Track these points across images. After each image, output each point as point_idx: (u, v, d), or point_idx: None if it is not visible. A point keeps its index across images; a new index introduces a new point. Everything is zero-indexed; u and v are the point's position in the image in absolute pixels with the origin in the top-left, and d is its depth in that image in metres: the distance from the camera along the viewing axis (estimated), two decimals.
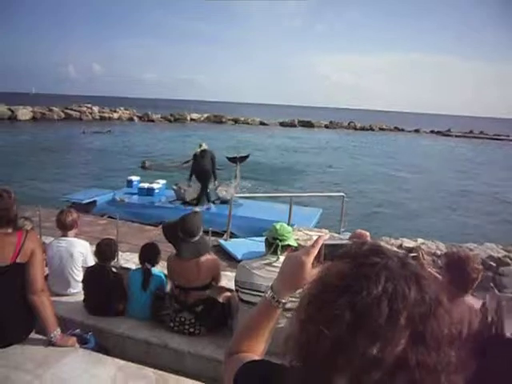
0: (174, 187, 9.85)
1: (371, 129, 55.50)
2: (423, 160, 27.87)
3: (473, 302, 2.56)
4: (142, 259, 3.53)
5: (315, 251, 0.90)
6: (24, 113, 42.15)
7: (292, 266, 0.93)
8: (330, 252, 0.87)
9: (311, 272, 0.88)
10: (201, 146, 9.39)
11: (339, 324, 0.60)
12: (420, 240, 6.39)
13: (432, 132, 58.20)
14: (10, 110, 41.89)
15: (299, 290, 0.87)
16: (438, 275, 2.59)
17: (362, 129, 55.33)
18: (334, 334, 0.60)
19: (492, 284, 4.87)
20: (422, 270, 0.67)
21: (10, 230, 2.54)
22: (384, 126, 58.08)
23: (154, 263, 3.51)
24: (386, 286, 0.61)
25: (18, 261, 2.42)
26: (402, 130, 57.52)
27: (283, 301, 0.95)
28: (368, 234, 0.90)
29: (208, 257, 3.25)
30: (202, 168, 9.26)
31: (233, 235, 7.27)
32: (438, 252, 5.64)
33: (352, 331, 0.59)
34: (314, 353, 0.63)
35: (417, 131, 57.48)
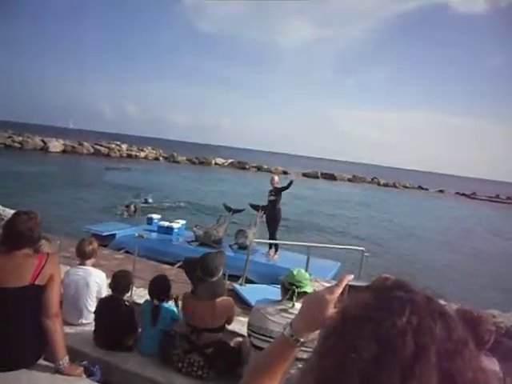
0: (194, 229, 9.88)
1: (394, 186, 55.16)
2: (449, 223, 27.38)
3: (488, 363, 2.43)
4: (150, 293, 3.50)
5: (339, 290, 0.88)
6: (55, 145, 43.79)
7: (314, 304, 0.91)
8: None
9: (333, 312, 0.85)
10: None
11: (363, 356, 0.57)
12: (441, 302, 6.17)
13: (457, 193, 57.45)
14: (42, 141, 43.70)
15: (318, 331, 0.84)
16: None
17: (386, 185, 55.05)
18: (359, 368, 0.57)
19: None
20: (449, 310, 0.64)
21: (31, 252, 2.59)
22: (408, 184, 57.68)
23: (164, 298, 3.47)
24: (411, 318, 0.59)
25: (36, 283, 2.45)
26: (426, 189, 57.00)
27: (302, 339, 0.92)
28: (393, 278, 0.88)
29: (223, 298, 3.21)
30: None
31: (248, 280, 7.18)
32: None
33: (378, 364, 0.57)
34: None
35: (441, 191, 56.85)
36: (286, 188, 9.42)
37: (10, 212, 9.47)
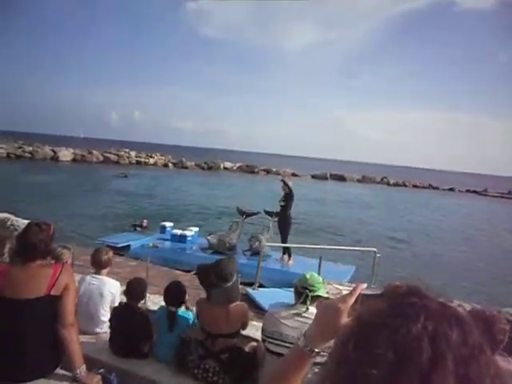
0: (209, 237, 9.88)
1: (404, 185, 54.84)
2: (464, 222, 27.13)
3: (503, 364, 2.40)
4: (166, 301, 3.52)
5: (352, 299, 0.88)
6: (65, 154, 44.27)
7: (327, 314, 0.92)
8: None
9: (347, 321, 0.85)
10: None
11: (381, 363, 0.57)
12: (456, 302, 6.11)
13: (468, 191, 56.87)
14: (52, 151, 44.22)
15: (333, 340, 0.84)
16: None
17: (396, 185, 54.74)
18: (376, 376, 0.57)
19: None
20: (464, 315, 0.63)
21: (48, 261, 2.62)
22: (418, 183, 57.27)
23: (179, 304, 3.50)
24: (426, 324, 0.59)
25: (52, 293, 2.47)
26: (437, 187, 56.53)
27: (316, 350, 0.93)
28: (406, 285, 0.88)
29: (237, 303, 3.22)
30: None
31: (262, 287, 7.17)
32: None
33: (395, 372, 0.56)
34: None
35: (451, 190, 56.34)
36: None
37: (23, 222, 9.56)
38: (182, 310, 3.49)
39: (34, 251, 2.54)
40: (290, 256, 9.22)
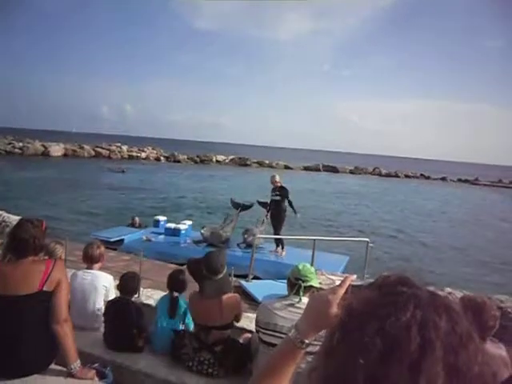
0: (202, 230, 9.88)
1: (397, 175, 55.07)
2: (450, 209, 27.34)
3: (494, 350, 2.44)
4: (169, 286, 3.57)
5: (342, 291, 0.89)
6: (56, 149, 43.93)
7: (318, 305, 0.92)
8: None
9: (337, 312, 0.86)
10: None
11: (370, 352, 0.58)
12: (447, 289, 6.16)
13: (459, 180, 57.23)
14: (43, 146, 43.85)
15: (324, 331, 0.85)
16: None
17: (388, 175, 54.96)
18: (366, 364, 0.58)
19: None
20: (453, 303, 0.65)
21: (38, 258, 2.61)
22: (410, 173, 57.52)
23: (181, 291, 3.56)
24: (415, 312, 0.59)
25: (44, 289, 2.47)
26: (428, 177, 56.83)
27: (307, 341, 0.94)
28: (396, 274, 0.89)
29: (230, 295, 3.23)
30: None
31: (256, 278, 7.20)
32: None
33: (384, 360, 0.57)
34: None
35: (443, 179, 56.67)
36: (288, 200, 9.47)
37: (14, 218, 9.51)
38: (182, 298, 3.55)
39: (26, 247, 2.53)
40: (282, 248, 9.25)
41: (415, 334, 0.58)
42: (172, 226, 10.40)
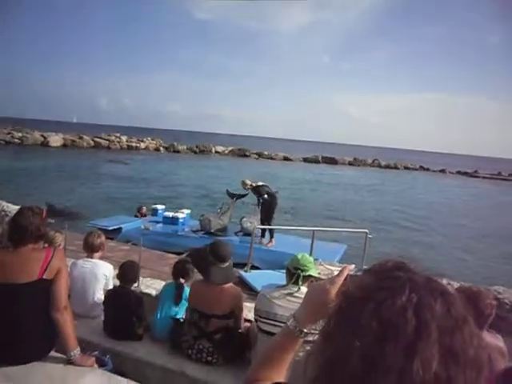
0: (200, 219, 9.91)
1: (396, 167, 55.09)
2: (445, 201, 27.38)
3: (491, 339, 2.46)
4: (175, 274, 3.62)
5: (340, 280, 0.89)
6: (55, 139, 43.78)
7: (316, 295, 0.93)
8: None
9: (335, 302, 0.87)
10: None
11: (366, 335, 0.59)
12: (444, 281, 6.19)
13: (458, 173, 57.18)
14: (42, 136, 43.72)
15: (322, 320, 0.85)
16: None
17: (387, 167, 54.97)
18: (362, 346, 0.59)
19: None
20: (449, 288, 0.65)
21: (38, 246, 2.62)
22: (409, 165, 57.55)
23: (186, 278, 3.61)
24: (411, 296, 0.60)
25: (44, 277, 2.48)
26: (428, 169, 56.86)
27: (305, 330, 0.95)
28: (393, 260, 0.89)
29: (232, 285, 3.26)
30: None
31: (255, 268, 7.22)
32: None
33: (380, 342, 0.58)
34: (341, 369, 0.60)
35: (442, 171, 56.68)
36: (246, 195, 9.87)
37: (13, 208, 9.51)
38: (186, 285, 3.60)
39: (25, 235, 2.54)
40: (271, 238, 9.22)
41: (411, 316, 0.58)
42: (170, 214, 10.42)
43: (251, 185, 9.51)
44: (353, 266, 0.93)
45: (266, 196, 9.28)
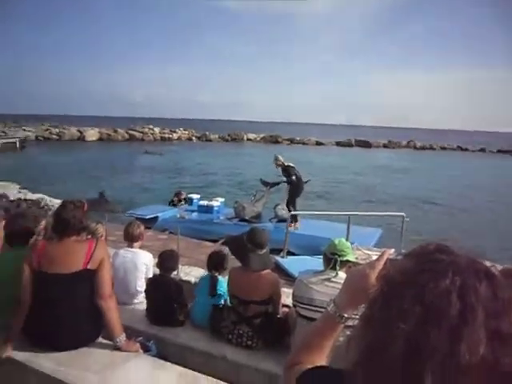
0: (235, 205, 10.00)
1: (432, 148, 53.58)
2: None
3: None
4: (209, 266, 3.68)
5: (380, 265, 0.88)
6: (91, 134, 45.13)
7: (356, 280, 0.93)
8: None
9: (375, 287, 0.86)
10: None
11: (409, 318, 0.58)
12: (487, 263, 6.02)
13: (499, 151, 54.92)
14: (79, 131, 45.11)
15: (362, 305, 0.85)
16: None
17: (423, 148, 53.56)
18: (406, 330, 0.58)
19: None
20: (494, 269, 0.63)
21: (80, 238, 2.72)
22: (446, 145, 55.83)
23: (221, 270, 3.65)
24: (454, 279, 0.59)
25: (88, 267, 2.57)
26: (466, 149, 54.92)
27: (345, 315, 0.95)
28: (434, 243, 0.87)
29: (269, 272, 3.29)
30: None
31: (290, 253, 7.24)
32: None
33: (424, 326, 0.57)
34: (383, 353, 0.60)
35: (482, 150, 54.62)
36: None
37: (55, 201, 9.89)
38: (221, 278, 3.64)
39: (69, 227, 2.64)
40: (296, 222, 9.16)
41: (455, 299, 0.57)
42: (205, 203, 10.57)
43: (283, 163, 9.49)
44: (392, 250, 0.92)
45: (293, 178, 9.27)
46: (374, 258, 0.93)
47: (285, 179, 9.50)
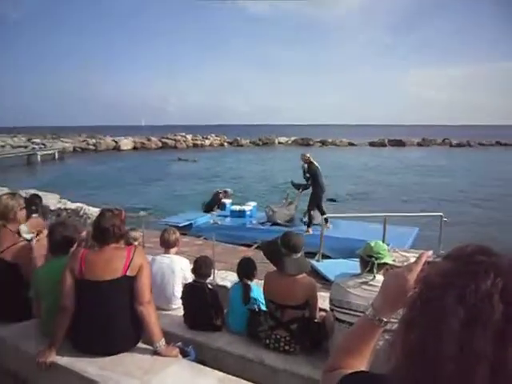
0: (267, 210, 10.02)
1: (469, 144, 51.93)
2: None
3: None
4: (240, 274, 3.68)
5: (418, 268, 0.87)
6: (126, 143, 46.41)
7: (394, 283, 0.92)
8: None
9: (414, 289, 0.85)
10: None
11: (452, 321, 0.57)
12: None
13: None
14: (114, 141, 46.47)
15: (401, 309, 0.85)
16: None
17: (459, 145, 51.99)
18: (449, 332, 0.57)
19: None
20: None
21: (119, 245, 2.79)
22: (484, 141, 54.00)
23: (251, 277, 3.65)
24: (496, 281, 0.58)
25: (128, 274, 2.63)
26: (505, 144, 52.92)
27: (385, 319, 0.94)
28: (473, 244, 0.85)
29: (305, 276, 3.27)
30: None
31: (325, 256, 7.18)
32: None
33: (468, 329, 0.56)
34: (426, 356, 0.60)
35: None
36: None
37: (93, 210, 10.17)
38: (253, 284, 3.64)
39: (108, 235, 2.71)
40: (309, 225, 9.20)
41: (497, 301, 0.56)
42: (237, 208, 10.66)
43: (309, 158, 9.44)
44: (430, 252, 0.90)
45: (315, 175, 9.25)
46: (412, 260, 0.92)
47: (308, 180, 9.46)
